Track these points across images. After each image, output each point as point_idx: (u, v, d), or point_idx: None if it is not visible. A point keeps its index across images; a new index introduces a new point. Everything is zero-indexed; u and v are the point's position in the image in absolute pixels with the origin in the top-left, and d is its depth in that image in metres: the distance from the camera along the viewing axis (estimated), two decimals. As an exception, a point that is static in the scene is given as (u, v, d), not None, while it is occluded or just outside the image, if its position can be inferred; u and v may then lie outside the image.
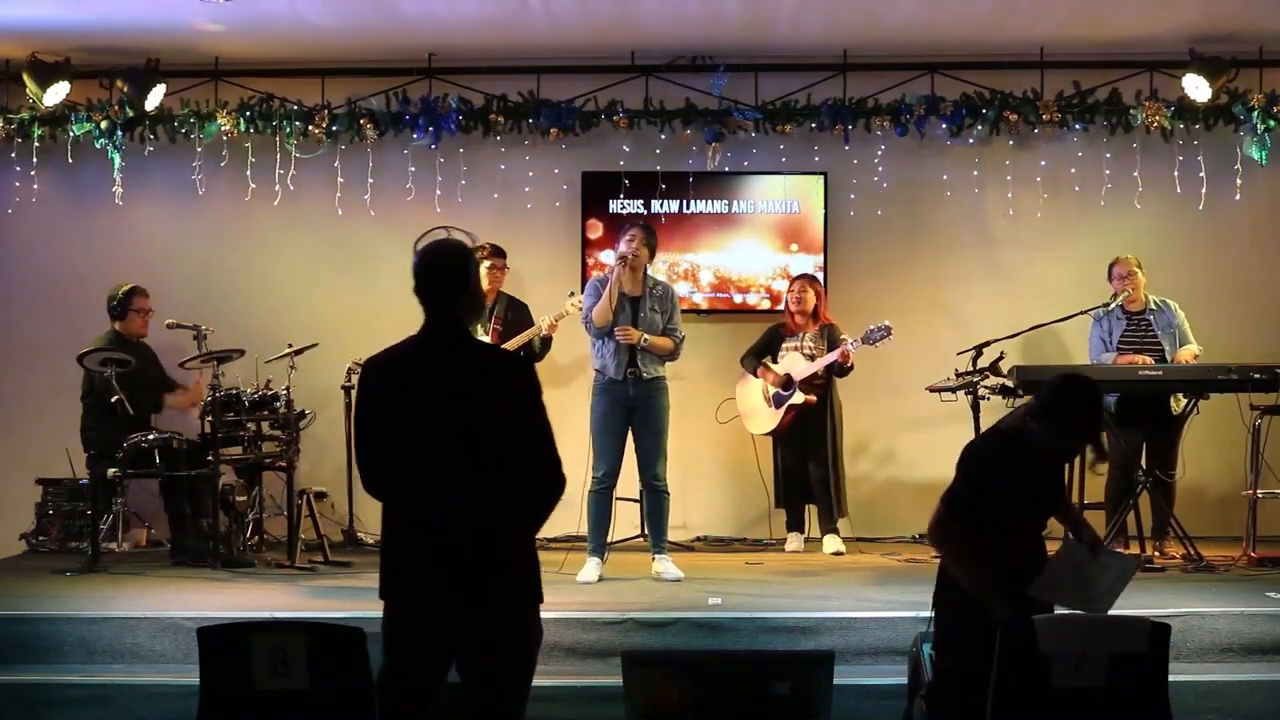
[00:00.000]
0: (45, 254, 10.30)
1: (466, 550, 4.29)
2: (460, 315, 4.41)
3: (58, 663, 6.85)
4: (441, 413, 4.31)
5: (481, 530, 4.30)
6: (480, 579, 4.31)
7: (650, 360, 8.21)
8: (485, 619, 4.32)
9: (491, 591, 4.32)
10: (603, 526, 8.26)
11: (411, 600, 4.36)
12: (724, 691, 4.58)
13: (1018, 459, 5.06)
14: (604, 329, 8.13)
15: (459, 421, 4.30)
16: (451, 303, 4.39)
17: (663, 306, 8.28)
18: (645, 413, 8.21)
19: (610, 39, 9.62)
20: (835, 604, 7.28)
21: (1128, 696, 4.48)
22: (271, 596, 7.64)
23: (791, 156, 10.04)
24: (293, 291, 10.19)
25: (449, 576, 4.28)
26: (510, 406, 4.36)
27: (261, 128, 9.97)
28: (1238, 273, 9.98)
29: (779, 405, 9.22)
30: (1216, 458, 9.38)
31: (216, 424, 8.54)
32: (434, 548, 4.30)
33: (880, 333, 8.95)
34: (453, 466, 4.30)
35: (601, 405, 8.22)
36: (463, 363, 4.38)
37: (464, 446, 4.30)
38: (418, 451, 4.32)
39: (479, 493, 4.30)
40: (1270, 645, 6.76)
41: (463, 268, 4.42)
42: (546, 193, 10.13)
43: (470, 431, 4.30)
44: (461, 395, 4.32)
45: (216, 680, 4.49)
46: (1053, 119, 9.72)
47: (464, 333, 4.45)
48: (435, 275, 4.40)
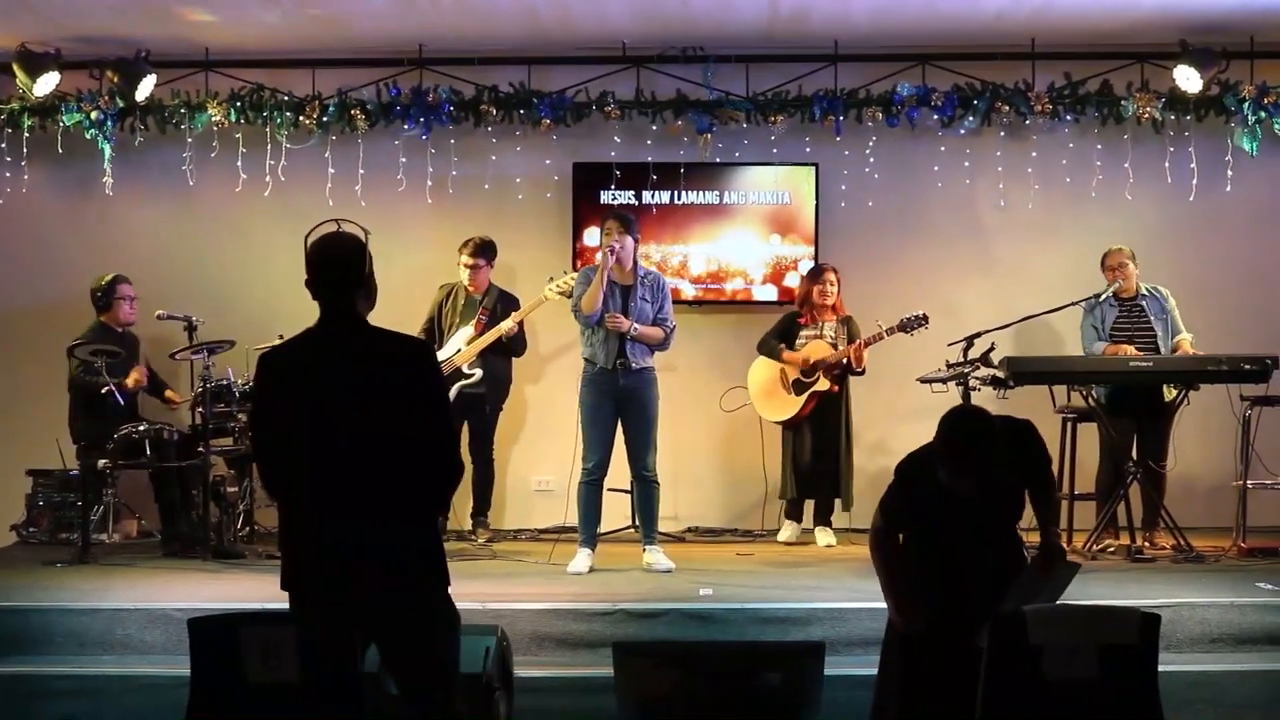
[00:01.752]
0: (35, 245, 10.28)
1: (364, 540, 4.33)
2: (355, 305, 4.47)
3: (48, 654, 6.85)
4: (335, 403, 4.35)
5: (376, 518, 4.33)
6: (376, 567, 4.34)
7: (640, 350, 8.20)
8: (386, 607, 4.37)
9: (390, 578, 4.36)
10: (593, 517, 8.26)
11: (312, 592, 4.41)
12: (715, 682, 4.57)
13: (930, 479, 5.06)
14: (592, 316, 8.12)
15: (352, 410, 4.34)
16: (345, 295, 4.46)
17: (654, 296, 8.27)
18: (635, 403, 8.20)
19: (601, 30, 9.60)
20: (826, 595, 7.27)
21: (1118, 687, 4.49)
22: (262, 587, 7.60)
23: (783, 147, 10.04)
24: (283, 282, 10.07)
25: (345, 566, 4.33)
26: (405, 393, 4.39)
27: (252, 118, 9.95)
28: (1228, 264, 10.00)
29: (800, 392, 9.20)
30: (1206, 448, 9.41)
31: (207, 415, 8.54)
32: (329, 538, 4.35)
33: (916, 321, 8.94)
34: (347, 456, 4.33)
35: (591, 396, 8.21)
36: (356, 352, 4.41)
37: (358, 435, 4.33)
38: (313, 444, 4.36)
39: (374, 481, 4.33)
40: (1260, 635, 6.79)
41: (357, 261, 4.49)
42: (538, 183, 10.12)
43: (364, 420, 4.33)
44: (354, 384, 4.36)
45: (207, 672, 4.48)
46: (1044, 110, 9.71)
47: (360, 322, 4.48)
48: (329, 269, 4.48)
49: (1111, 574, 7.84)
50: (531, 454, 10.11)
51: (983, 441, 4.94)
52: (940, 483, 4.99)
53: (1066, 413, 9.02)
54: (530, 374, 9.96)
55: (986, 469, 4.94)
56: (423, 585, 4.44)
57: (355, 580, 4.34)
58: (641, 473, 8.26)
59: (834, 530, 9.30)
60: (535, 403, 10.15)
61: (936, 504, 5.06)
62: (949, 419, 5.05)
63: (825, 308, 9.27)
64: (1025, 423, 5.28)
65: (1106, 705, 4.48)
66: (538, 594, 7.29)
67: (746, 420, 9.62)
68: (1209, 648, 6.76)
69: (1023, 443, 5.20)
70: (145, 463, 8.77)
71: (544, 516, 9.77)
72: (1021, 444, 5.18)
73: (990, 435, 4.96)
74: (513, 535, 9.74)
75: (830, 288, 9.25)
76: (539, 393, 10.12)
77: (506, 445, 9.94)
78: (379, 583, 4.35)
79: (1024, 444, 5.21)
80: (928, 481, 5.05)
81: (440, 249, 9.66)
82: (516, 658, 5.84)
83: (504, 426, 9.68)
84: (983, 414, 5.12)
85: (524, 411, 10.13)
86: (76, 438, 9.00)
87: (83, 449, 8.88)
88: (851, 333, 9.24)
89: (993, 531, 5.20)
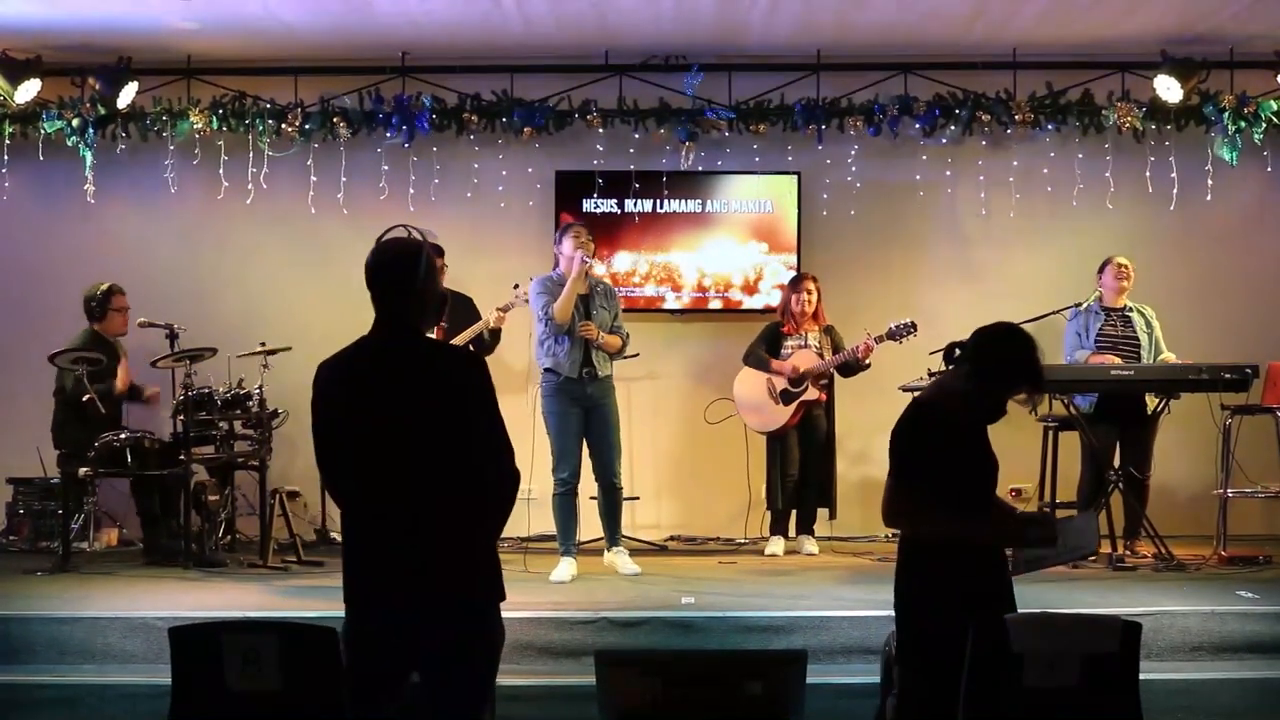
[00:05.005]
0: (15, 252, 10.26)
1: (424, 555, 4.24)
2: (408, 314, 4.33)
3: (28, 663, 6.82)
4: (390, 416, 4.25)
5: (439, 534, 4.25)
6: (439, 584, 4.26)
7: (603, 358, 8.23)
8: (446, 624, 4.28)
9: (452, 596, 4.28)
10: (571, 526, 8.28)
11: (372, 606, 4.32)
12: (697, 691, 4.56)
13: (951, 429, 4.90)
14: (564, 326, 8.12)
15: (408, 424, 4.24)
16: (398, 302, 4.31)
17: (608, 304, 8.30)
18: (601, 411, 8.24)
19: (584, 38, 9.61)
20: (808, 603, 7.28)
21: (1099, 696, 4.49)
22: (244, 596, 7.62)
23: (765, 156, 10.06)
24: (265, 290, 10.16)
25: (408, 582, 4.24)
26: (462, 407, 4.28)
27: (234, 126, 9.94)
28: (1209, 273, 10.04)
29: (789, 402, 9.20)
30: (1187, 458, 9.44)
31: (188, 423, 8.52)
32: (391, 553, 4.25)
33: (904, 329, 8.93)
34: (406, 470, 4.24)
35: (558, 406, 8.21)
36: (411, 364, 4.30)
37: (416, 449, 4.24)
38: (371, 455, 4.26)
39: (434, 496, 4.25)
40: (1240, 644, 6.80)
41: (411, 266, 4.30)
42: (520, 192, 10.12)
43: (421, 434, 4.24)
44: (409, 397, 4.25)
45: (188, 680, 4.46)
46: (1025, 119, 9.75)
47: (412, 332, 4.35)
48: (382, 273, 4.32)
49: (1093, 582, 7.85)
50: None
51: (1026, 339, 4.85)
52: (951, 434, 4.86)
53: (1048, 421, 9.04)
54: (505, 384, 9.79)
55: (1038, 365, 4.83)
56: (482, 606, 4.36)
57: (417, 599, 4.24)
58: (611, 480, 8.28)
59: (817, 539, 9.30)
60: (511, 413, 10.02)
61: (957, 455, 4.87)
62: (1014, 334, 4.88)
63: (806, 317, 9.27)
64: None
65: (1088, 713, 4.48)
66: (519, 603, 7.21)
67: (729, 430, 9.61)
68: (1190, 656, 6.77)
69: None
70: (126, 471, 8.74)
71: (525, 525, 9.75)
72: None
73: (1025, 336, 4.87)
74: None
75: (809, 296, 9.25)
76: (515, 403, 10.02)
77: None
78: (441, 603, 4.26)
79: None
80: (940, 435, 4.88)
81: (423, 257, 9.65)
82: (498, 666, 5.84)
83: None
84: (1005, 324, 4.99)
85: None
86: (59, 445, 8.97)
87: (64, 457, 8.85)
88: (835, 342, 9.25)
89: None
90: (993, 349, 4.89)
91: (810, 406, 9.19)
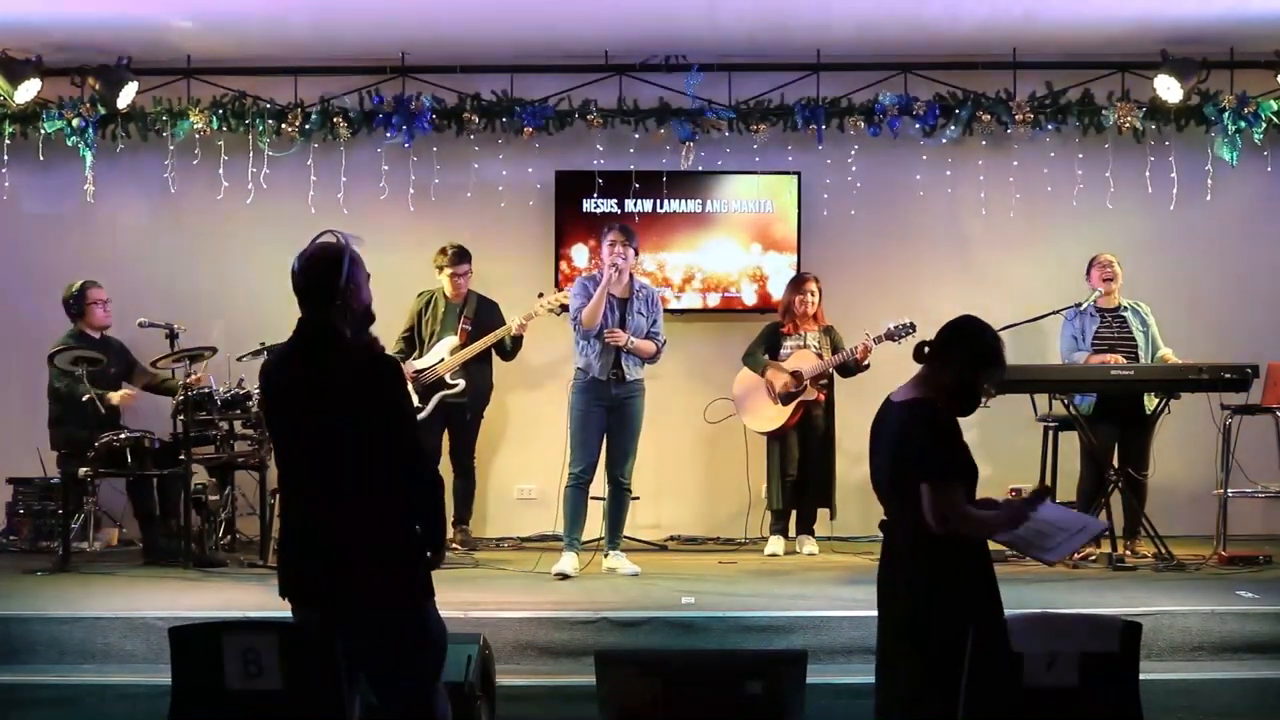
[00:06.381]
0: (16, 252, 10.25)
1: (338, 557, 4.35)
2: (328, 319, 4.40)
3: (28, 663, 6.83)
4: (302, 419, 4.38)
5: (350, 534, 4.34)
6: (351, 587, 4.35)
7: (634, 362, 8.26)
8: (366, 628, 4.37)
9: (362, 600, 4.36)
10: (579, 520, 8.31)
11: (300, 602, 4.49)
12: (697, 691, 4.57)
13: (952, 422, 4.93)
14: (591, 330, 8.15)
15: (317, 426, 4.36)
16: (319, 306, 4.41)
17: (648, 310, 8.32)
18: (623, 413, 8.27)
19: (584, 38, 9.61)
20: (808, 603, 7.29)
21: (1099, 695, 4.49)
22: (243, 596, 7.62)
23: (765, 156, 10.05)
24: (265, 290, 10.11)
25: (324, 583, 4.37)
26: (365, 408, 4.35)
27: (234, 126, 9.93)
28: (1209, 273, 10.03)
29: (788, 402, 9.19)
30: (1187, 458, 9.42)
31: (188, 423, 8.52)
32: (308, 552, 4.41)
33: (903, 329, 8.90)
34: (320, 472, 4.35)
35: (582, 403, 8.26)
36: (322, 369, 4.38)
37: (326, 452, 4.35)
38: (291, 456, 4.43)
39: (344, 499, 4.35)
40: (1240, 644, 6.80)
41: (329, 274, 4.39)
42: (520, 192, 10.12)
43: (328, 435, 4.34)
44: (316, 400, 4.36)
45: (188, 680, 4.46)
46: (1025, 119, 9.74)
47: (330, 336, 4.41)
48: (300, 277, 4.44)
49: (1093, 582, 7.86)
50: (514, 463, 10.11)
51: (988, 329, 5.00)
52: (955, 420, 4.91)
53: (1048, 421, 9.04)
54: (512, 383, 9.94)
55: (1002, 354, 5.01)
56: (406, 603, 4.43)
57: (330, 592, 4.37)
58: (619, 479, 8.32)
59: (817, 539, 9.31)
60: (518, 411, 10.14)
61: (958, 448, 4.89)
62: (974, 325, 5.01)
63: (807, 317, 9.27)
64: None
65: (1087, 713, 4.48)
66: (520, 602, 7.29)
67: (729, 430, 9.61)
68: (1190, 656, 6.77)
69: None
70: (126, 471, 8.75)
71: (526, 525, 9.78)
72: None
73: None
74: (495, 544, 9.72)
75: (811, 297, 9.26)
76: (522, 401, 10.11)
77: (489, 454, 9.94)
78: (352, 597, 4.36)
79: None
80: (945, 428, 4.91)
81: (423, 257, 9.64)
82: (499, 666, 5.85)
83: (486, 435, 9.67)
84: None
85: (506, 420, 10.12)
86: (56, 445, 8.97)
87: (63, 457, 8.85)
88: (834, 342, 9.25)
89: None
90: (964, 340, 4.97)
91: (810, 406, 9.19)
